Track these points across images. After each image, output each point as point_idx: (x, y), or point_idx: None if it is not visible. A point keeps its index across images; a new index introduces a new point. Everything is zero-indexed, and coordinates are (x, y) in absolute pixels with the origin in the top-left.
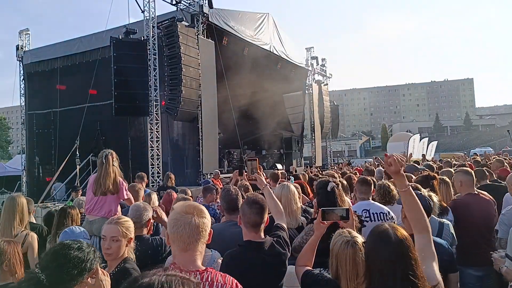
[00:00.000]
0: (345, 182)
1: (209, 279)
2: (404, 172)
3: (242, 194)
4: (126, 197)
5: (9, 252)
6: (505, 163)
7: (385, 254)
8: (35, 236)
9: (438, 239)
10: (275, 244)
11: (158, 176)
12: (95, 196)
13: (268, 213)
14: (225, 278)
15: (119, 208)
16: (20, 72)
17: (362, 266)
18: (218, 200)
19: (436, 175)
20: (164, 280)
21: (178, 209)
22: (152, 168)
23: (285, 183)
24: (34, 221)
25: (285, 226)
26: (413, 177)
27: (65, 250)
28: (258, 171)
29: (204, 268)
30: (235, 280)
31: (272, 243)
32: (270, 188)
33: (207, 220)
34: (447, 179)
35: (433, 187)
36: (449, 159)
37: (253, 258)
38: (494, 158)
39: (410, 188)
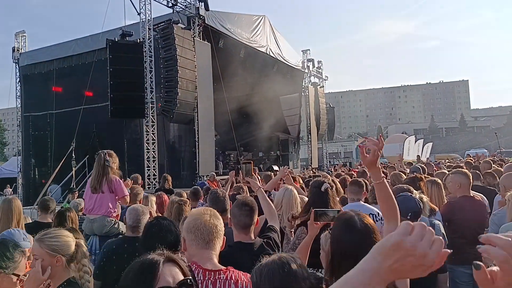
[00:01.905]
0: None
1: (233, 278)
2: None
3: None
4: (125, 193)
5: None
6: (493, 165)
7: (349, 241)
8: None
9: None
10: (264, 245)
11: (154, 178)
12: (93, 194)
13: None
14: (247, 277)
15: (119, 207)
16: (16, 74)
17: None
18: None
19: (423, 177)
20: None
21: (194, 212)
22: (148, 170)
23: (288, 186)
24: (30, 221)
25: (277, 228)
26: (404, 177)
27: None
28: (253, 173)
29: (225, 267)
30: None
31: (262, 244)
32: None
33: (221, 223)
34: (438, 181)
35: (421, 189)
36: (442, 161)
37: (242, 258)
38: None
39: (385, 180)
